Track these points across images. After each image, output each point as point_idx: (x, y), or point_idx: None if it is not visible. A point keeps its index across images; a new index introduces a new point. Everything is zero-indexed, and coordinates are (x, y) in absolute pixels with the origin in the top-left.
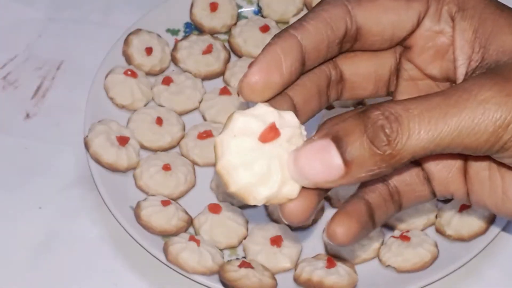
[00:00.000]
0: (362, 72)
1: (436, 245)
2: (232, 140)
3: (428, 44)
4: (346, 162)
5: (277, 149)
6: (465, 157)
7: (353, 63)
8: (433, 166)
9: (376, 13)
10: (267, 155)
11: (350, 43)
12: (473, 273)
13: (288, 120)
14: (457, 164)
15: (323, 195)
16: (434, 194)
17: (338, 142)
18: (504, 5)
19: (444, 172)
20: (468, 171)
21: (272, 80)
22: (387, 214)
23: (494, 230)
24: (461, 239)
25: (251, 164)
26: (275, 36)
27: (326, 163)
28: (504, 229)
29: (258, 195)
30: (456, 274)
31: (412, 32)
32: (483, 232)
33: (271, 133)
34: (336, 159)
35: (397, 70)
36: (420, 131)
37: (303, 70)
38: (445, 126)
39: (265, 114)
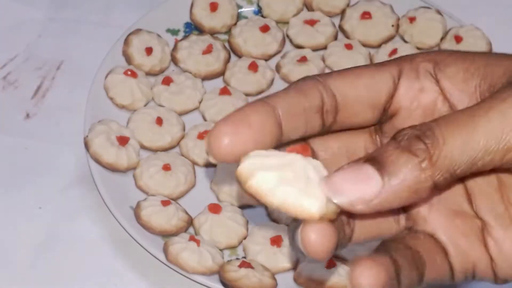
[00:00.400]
0: (333, 151)
1: None
2: (261, 159)
3: (413, 105)
4: (382, 174)
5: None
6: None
7: (323, 141)
8: (447, 236)
9: (348, 79)
10: (303, 170)
11: (331, 114)
12: None
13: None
14: (473, 228)
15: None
16: (452, 272)
17: (373, 161)
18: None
19: (461, 240)
20: (488, 235)
21: (241, 136)
22: (411, 280)
23: (487, 281)
24: None
25: (291, 177)
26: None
27: (362, 177)
28: None
29: (312, 208)
30: None
31: (391, 96)
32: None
33: (303, 147)
34: (371, 172)
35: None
36: (453, 136)
37: (280, 135)
38: (476, 128)
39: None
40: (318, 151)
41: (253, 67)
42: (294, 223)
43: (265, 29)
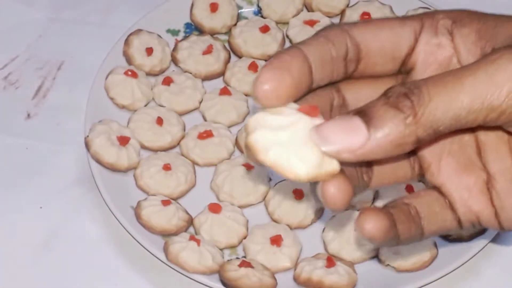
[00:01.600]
0: (364, 98)
1: (436, 245)
2: (268, 116)
3: (429, 60)
4: (369, 127)
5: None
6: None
7: (356, 88)
8: (452, 189)
9: (372, 30)
10: (303, 131)
11: (353, 63)
12: (472, 273)
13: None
14: (478, 183)
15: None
16: (459, 222)
17: (361, 114)
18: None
19: (465, 193)
20: (492, 188)
21: (284, 83)
22: (410, 233)
23: (493, 230)
24: (460, 239)
25: (287, 138)
26: (278, 52)
27: (349, 127)
28: None
29: (298, 170)
30: (455, 274)
31: (412, 49)
32: (482, 232)
33: (312, 108)
34: (359, 124)
35: None
36: (439, 95)
37: (312, 82)
38: (462, 87)
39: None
40: (347, 96)
41: (253, 67)
42: None
43: (265, 29)
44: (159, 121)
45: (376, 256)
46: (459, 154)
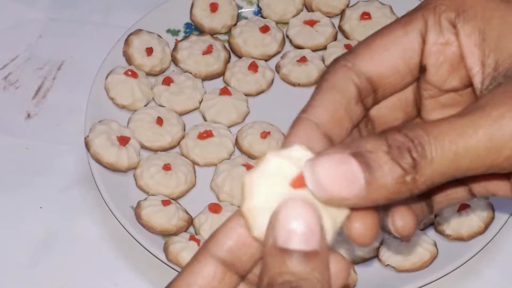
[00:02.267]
0: (388, 112)
1: (435, 245)
2: (262, 182)
3: (439, 60)
4: (368, 181)
5: (308, 197)
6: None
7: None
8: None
9: (377, 54)
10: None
11: (370, 97)
12: (472, 273)
13: None
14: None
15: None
16: (471, 193)
17: (359, 158)
18: None
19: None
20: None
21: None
22: (422, 214)
23: (493, 229)
24: (460, 239)
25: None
26: (291, 126)
27: (347, 176)
28: (503, 228)
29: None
30: (455, 274)
31: (422, 51)
32: (482, 231)
33: (304, 180)
34: (358, 174)
35: (418, 93)
36: (442, 155)
37: (331, 140)
38: (463, 149)
39: (301, 158)
40: (371, 112)
41: (253, 67)
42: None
43: (265, 29)
44: (159, 121)
45: (376, 256)
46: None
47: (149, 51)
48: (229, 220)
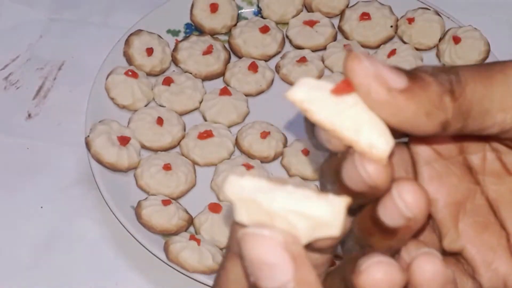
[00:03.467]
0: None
1: None
2: (303, 88)
3: None
4: (409, 85)
5: (350, 103)
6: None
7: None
8: (474, 251)
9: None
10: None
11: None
12: None
13: None
14: (501, 242)
15: None
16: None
17: (403, 71)
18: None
19: (489, 255)
20: None
21: None
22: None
23: None
24: None
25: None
26: None
27: (393, 71)
28: None
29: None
30: None
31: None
32: None
33: (345, 85)
34: (403, 75)
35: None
36: (475, 83)
37: None
38: (493, 80)
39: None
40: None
41: (253, 67)
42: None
43: (265, 30)
44: (159, 121)
45: None
46: (475, 213)
47: (150, 51)
48: None
